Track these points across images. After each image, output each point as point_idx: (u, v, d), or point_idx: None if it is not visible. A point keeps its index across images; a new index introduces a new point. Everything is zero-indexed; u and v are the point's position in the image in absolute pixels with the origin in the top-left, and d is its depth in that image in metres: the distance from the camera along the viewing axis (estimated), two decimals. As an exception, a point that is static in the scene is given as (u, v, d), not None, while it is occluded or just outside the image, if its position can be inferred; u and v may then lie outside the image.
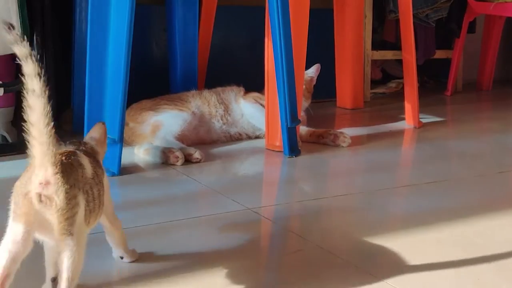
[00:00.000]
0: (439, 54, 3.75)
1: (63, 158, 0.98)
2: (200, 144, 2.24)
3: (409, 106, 2.76)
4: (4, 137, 2.16)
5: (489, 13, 3.58)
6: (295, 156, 2.16)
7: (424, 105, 3.01)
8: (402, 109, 2.82)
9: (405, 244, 1.39)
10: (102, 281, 1.19)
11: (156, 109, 2.22)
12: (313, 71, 2.49)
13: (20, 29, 2.07)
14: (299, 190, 1.91)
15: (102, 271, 1.23)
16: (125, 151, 1.95)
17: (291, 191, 1.89)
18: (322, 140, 2.36)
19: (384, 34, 3.73)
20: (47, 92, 0.89)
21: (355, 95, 3.16)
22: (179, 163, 2.00)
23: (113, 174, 1.86)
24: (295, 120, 2.16)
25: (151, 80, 2.78)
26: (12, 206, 0.99)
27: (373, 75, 3.56)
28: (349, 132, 2.41)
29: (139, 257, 1.28)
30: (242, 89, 2.45)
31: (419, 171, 2.11)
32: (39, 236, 1.00)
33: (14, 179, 1.02)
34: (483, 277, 1.23)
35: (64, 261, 0.97)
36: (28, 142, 0.92)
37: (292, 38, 2.12)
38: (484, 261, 1.31)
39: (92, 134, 1.22)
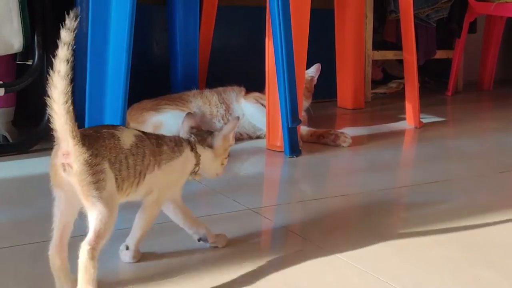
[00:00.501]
0: (440, 54, 3.75)
1: (89, 131, 1.12)
2: (200, 144, 2.24)
3: (410, 106, 2.76)
4: (4, 137, 2.16)
5: (489, 13, 3.58)
6: (296, 156, 2.16)
7: (425, 105, 3.01)
8: (402, 109, 2.82)
9: (406, 244, 1.39)
10: (102, 281, 1.19)
11: (157, 109, 2.22)
12: (313, 71, 2.49)
13: (21, 29, 2.07)
14: (299, 190, 1.91)
15: (102, 271, 1.23)
16: (126, 151, 1.95)
17: (292, 191, 1.89)
18: (323, 140, 2.36)
19: (385, 34, 3.73)
20: (70, 76, 1.03)
21: (355, 95, 3.16)
22: (179, 163, 2.00)
23: (113, 174, 1.86)
24: (296, 120, 2.16)
25: (152, 80, 2.78)
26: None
27: (373, 75, 3.56)
28: (349, 132, 2.41)
29: (141, 257, 1.28)
30: (243, 89, 2.45)
31: (420, 171, 2.12)
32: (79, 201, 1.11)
33: (15, 179, 1.03)
34: (483, 277, 1.23)
35: (93, 220, 1.10)
36: (51, 117, 1.05)
37: (292, 38, 2.12)
38: (484, 261, 1.31)
39: (224, 127, 1.34)
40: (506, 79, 4.35)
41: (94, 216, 1.10)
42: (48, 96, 1.03)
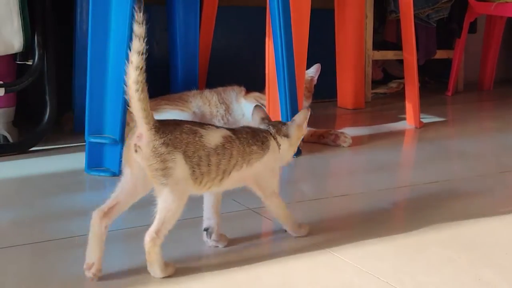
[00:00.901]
0: (440, 54, 3.75)
1: (171, 122, 1.21)
2: (201, 144, 2.24)
3: (410, 106, 2.76)
4: (5, 137, 2.16)
5: (490, 13, 3.58)
6: (296, 156, 2.16)
7: (425, 105, 3.01)
8: (403, 109, 2.82)
9: (406, 244, 1.40)
10: (101, 280, 1.19)
11: (157, 109, 2.22)
12: (313, 71, 2.49)
13: (21, 29, 2.07)
14: (299, 190, 1.91)
15: (102, 271, 1.24)
16: (126, 151, 1.95)
17: (292, 191, 1.89)
18: (323, 140, 2.36)
19: (385, 34, 3.73)
20: (143, 67, 1.13)
21: (356, 95, 3.16)
22: (180, 163, 2.00)
23: (114, 174, 1.87)
24: (296, 120, 2.16)
25: (152, 80, 2.76)
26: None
27: (374, 75, 3.56)
28: (350, 132, 2.41)
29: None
30: (243, 89, 2.45)
31: (420, 171, 2.11)
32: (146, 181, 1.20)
33: (15, 179, 1.03)
34: (483, 277, 1.23)
35: (159, 204, 1.18)
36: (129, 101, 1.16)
37: (293, 38, 2.12)
38: (484, 261, 1.31)
39: (295, 117, 1.40)
40: (506, 79, 4.34)
41: (160, 202, 1.18)
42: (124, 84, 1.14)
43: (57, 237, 1.39)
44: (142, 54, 1.12)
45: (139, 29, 1.12)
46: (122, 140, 1.87)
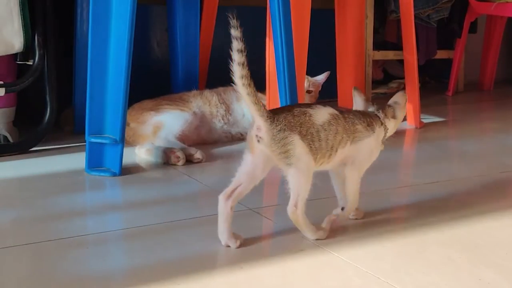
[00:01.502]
0: (441, 54, 3.75)
1: (282, 109, 1.34)
2: (201, 144, 2.25)
3: (410, 106, 2.76)
4: (5, 137, 2.16)
5: (490, 13, 3.58)
6: (296, 156, 2.16)
7: (425, 105, 3.01)
8: (403, 109, 2.81)
9: (406, 244, 1.39)
10: (102, 280, 1.19)
11: (157, 109, 2.22)
12: (322, 78, 2.54)
13: (21, 29, 2.07)
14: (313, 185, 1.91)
15: (102, 271, 1.24)
16: (127, 151, 1.95)
17: (292, 191, 1.89)
18: (323, 140, 2.36)
19: (386, 34, 3.73)
20: (245, 63, 1.27)
21: (356, 95, 3.16)
22: (180, 163, 2.00)
23: (114, 174, 1.87)
24: (296, 120, 2.16)
25: (153, 80, 2.78)
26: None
27: (374, 75, 3.56)
28: (350, 132, 2.40)
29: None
30: (244, 89, 2.45)
31: (420, 171, 2.11)
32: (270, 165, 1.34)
33: (15, 179, 1.03)
34: (483, 277, 1.23)
35: (290, 183, 1.34)
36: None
37: (293, 38, 2.12)
38: (484, 261, 1.31)
39: (396, 99, 1.52)
40: (506, 79, 4.34)
41: (291, 180, 1.33)
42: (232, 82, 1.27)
43: (57, 237, 1.39)
44: (242, 51, 1.25)
45: (236, 32, 1.26)
46: (122, 140, 1.88)
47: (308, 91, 2.50)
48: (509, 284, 1.21)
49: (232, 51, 1.26)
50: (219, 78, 2.57)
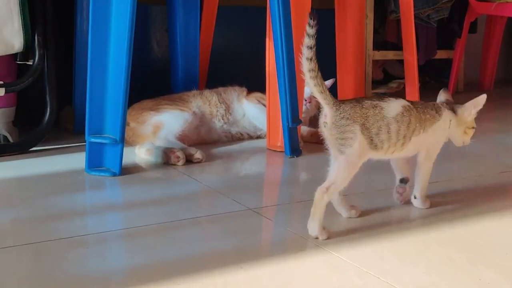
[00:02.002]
0: (441, 54, 3.75)
1: (352, 100, 1.42)
2: (201, 144, 2.25)
3: (410, 106, 2.75)
4: (5, 137, 2.16)
5: (490, 13, 3.58)
6: (296, 157, 2.16)
7: (425, 105, 3.00)
8: (403, 109, 2.81)
9: (406, 244, 1.39)
10: (101, 280, 1.19)
11: (157, 109, 2.22)
12: (328, 83, 2.55)
13: (21, 29, 2.07)
14: (300, 190, 1.91)
15: (102, 271, 1.24)
16: (127, 151, 1.95)
17: (292, 191, 1.89)
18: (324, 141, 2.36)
19: (386, 34, 3.73)
20: (313, 58, 1.35)
21: (356, 95, 3.16)
22: (180, 163, 2.00)
23: (114, 174, 1.87)
24: (296, 120, 2.17)
25: (153, 80, 2.78)
26: None
27: (374, 75, 3.56)
28: (350, 132, 2.40)
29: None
30: (244, 89, 2.46)
31: (420, 171, 2.11)
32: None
33: (15, 179, 1.03)
34: (483, 277, 1.23)
35: (334, 168, 1.43)
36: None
37: (293, 38, 2.12)
38: (484, 261, 1.31)
39: (471, 101, 1.63)
40: (506, 79, 4.34)
41: (335, 167, 1.42)
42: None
43: (57, 237, 1.39)
44: (311, 48, 1.34)
45: (310, 30, 1.35)
46: (122, 140, 1.88)
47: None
48: (509, 284, 1.21)
49: (302, 46, 1.35)
50: (219, 78, 2.58)
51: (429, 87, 3.95)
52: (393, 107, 1.44)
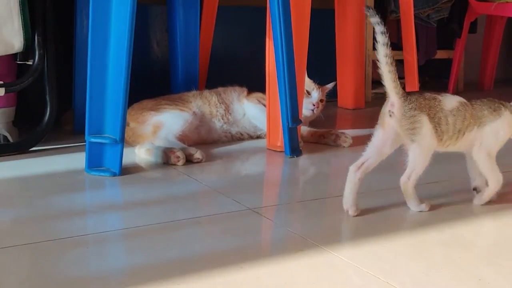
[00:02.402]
0: (440, 54, 3.75)
1: (415, 92, 1.53)
2: (201, 144, 2.25)
3: (410, 106, 2.75)
4: (5, 137, 2.16)
5: (490, 13, 3.58)
6: (296, 156, 2.16)
7: (425, 105, 3.00)
8: (403, 109, 2.81)
9: (406, 244, 1.39)
10: (101, 280, 1.19)
11: (157, 109, 2.22)
12: (330, 87, 2.57)
13: (21, 29, 2.07)
14: (300, 190, 1.91)
15: (102, 271, 1.24)
16: (126, 151, 1.95)
17: (292, 191, 1.89)
18: (323, 140, 2.36)
19: (386, 34, 3.72)
20: (388, 44, 1.45)
21: (356, 95, 3.16)
22: (180, 163, 2.00)
23: (114, 174, 1.87)
24: (296, 120, 2.17)
25: (152, 80, 2.78)
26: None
27: (374, 75, 3.56)
28: (350, 132, 2.41)
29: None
30: (245, 90, 2.45)
31: (420, 171, 2.11)
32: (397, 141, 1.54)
33: (15, 179, 1.03)
34: (483, 277, 1.23)
35: (409, 156, 1.53)
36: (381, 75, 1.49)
37: (293, 38, 2.12)
38: (484, 261, 1.31)
39: None
40: (506, 79, 4.34)
41: (411, 155, 1.52)
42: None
43: (57, 237, 1.39)
44: (385, 33, 1.45)
45: (375, 19, 1.48)
46: (122, 140, 1.87)
47: (321, 100, 2.51)
48: (509, 284, 1.21)
49: (376, 34, 1.46)
50: (219, 78, 2.58)
51: (429, 87, 3.95)
52: (449, 101, 1.52)
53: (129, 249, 1.38)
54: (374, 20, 1.47)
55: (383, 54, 1.45)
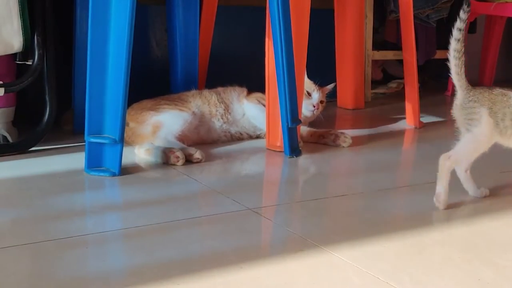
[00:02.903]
0: (440, 54, 3.74)
1: (483, 87, 1.60)
2: (201, 144, 2.25)
3: (410, 106, 2.76)
4: (5, 137, 2.16)
5: (489, 13, 3.58)
6: (296, 156, 2.16)
7: (425, 105, 3.01)
8: (402, 109, 2.82)
9: (406, 245, 1.39)
10: (101, 280, 1.19)
11: (157, 109, 2.22)
12: (330, 88, 2.56)
13: (21, 29, 2.07)
14: (299, 190, 1.91)
15: (101, 271, 1.24)
16: (126, 151, 1.95)
17: (292, 191, 1.89)
18: (323, 140, 2.36)
19: (385, 34, 3.73)
20: (461, 40, 1.58)
21: (356, 95, 3.16)
22: (179, 163, 2.00)
23: (113, 174, 1.87)
24: (296, 120, 2.17)
25: (152, 80, 2.78)
26: None
27: (373, 75, 3.56)
28: (349, 132, 2.41)
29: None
30: (245, 90, 2.45)
31: (420, 171, 2.11)
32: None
33: (15, 179, 1.03)
34: (483, 277, 1.23)
35: (460, 142, 1.63)
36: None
37: (292, 38, 2.12)
38: (484, 261, 1.31)
39: None
40: (506, 79, 4.34)
41: (462, 141, 1.61)
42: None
43: (57, 237, 1.39)
44: (461, 30, 1.56)
45: (463, 15, 1.56)
46: (121, 140, 1.87)
47: (321, 101, 2.51)
48: (509, 284, 1.21)
49: (453, 28, 1.57)
50: (219, 78, 2.58)
51: (429, 87, 3.95)
52: None
53: (129, 249, 1.38)
54: (462, 15, 1.56)
55: (453, 48, 1.56)
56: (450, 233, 1.47)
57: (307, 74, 2.46)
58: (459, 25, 1.56)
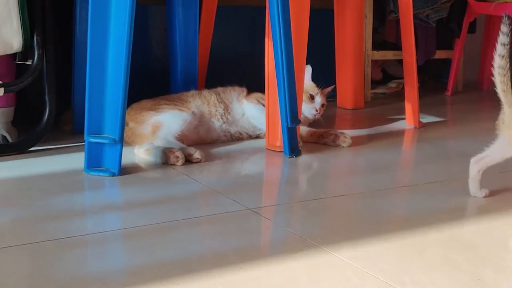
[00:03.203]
0: (440, 54, 3.75)
1: None
2: (200, 144, 2.25)
3: (410, 106, 2.76)
4: (4, 137, 2.16)
5: (489, 13, 3.58)
6: (296, 156, 2.16)
7: (425, 105, 3.01)
8: (402, 109, 2.82)
9: (406, 244, 1.39)
10: (101, 280, 1.19)
11: (156, 109, 2.22)
12: (327, 90, 2.57)
13: (20, 29, 2.07)
14: (299, 190, 1.91)
15: (101, 271, 1.24)
16: (126, 151, 1.95)
17: (292, 191, 1.89)
18: (323, 140, 2.36)
19: (385, 34, 3.73)
20: (505, 56, 1.50)
21: (355, 95, 3.16)
22: (179, 163, 2.00)
23: (113, 174, 1.87)
24: (296, 120, 2.16)
25: (152, 80, 2.78)
26: None
27: (373, 75, 3.56)
28: (349, 132, 2.41)
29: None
30: (244, 89, 2.45)
31: (420, 171, 2.11)
32: None
33: (15, 179, 1.03)
34: (483, 277, 1.23)
35: (494, 144, 1.65)
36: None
37: (292, 38, 2.12)
38: (484, 261, 1.31)
39: None
40: (505, 79, 4.34)
41: (496, 144, 1.63)
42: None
43: (57, 237, 1.38)
44: (505, 45, 1.51)
45: (504, 28, 1.52)
46: (121, 140, 1.87)
47: (322, 105, 2.51)
48: (509, 284, 1.21)
49: (497, 43, 1.52)
50: (218, 78, 2.58)
51: (428, 87, 3.95)
52: None
53: (129, 249, 1.38)
54: (504, 29, 1.52)
55: (498, 64, 1.52)
56: (450, 233, 1.47)
57: (311, 77, 2.47)
58: (503, 39, 1.52)
